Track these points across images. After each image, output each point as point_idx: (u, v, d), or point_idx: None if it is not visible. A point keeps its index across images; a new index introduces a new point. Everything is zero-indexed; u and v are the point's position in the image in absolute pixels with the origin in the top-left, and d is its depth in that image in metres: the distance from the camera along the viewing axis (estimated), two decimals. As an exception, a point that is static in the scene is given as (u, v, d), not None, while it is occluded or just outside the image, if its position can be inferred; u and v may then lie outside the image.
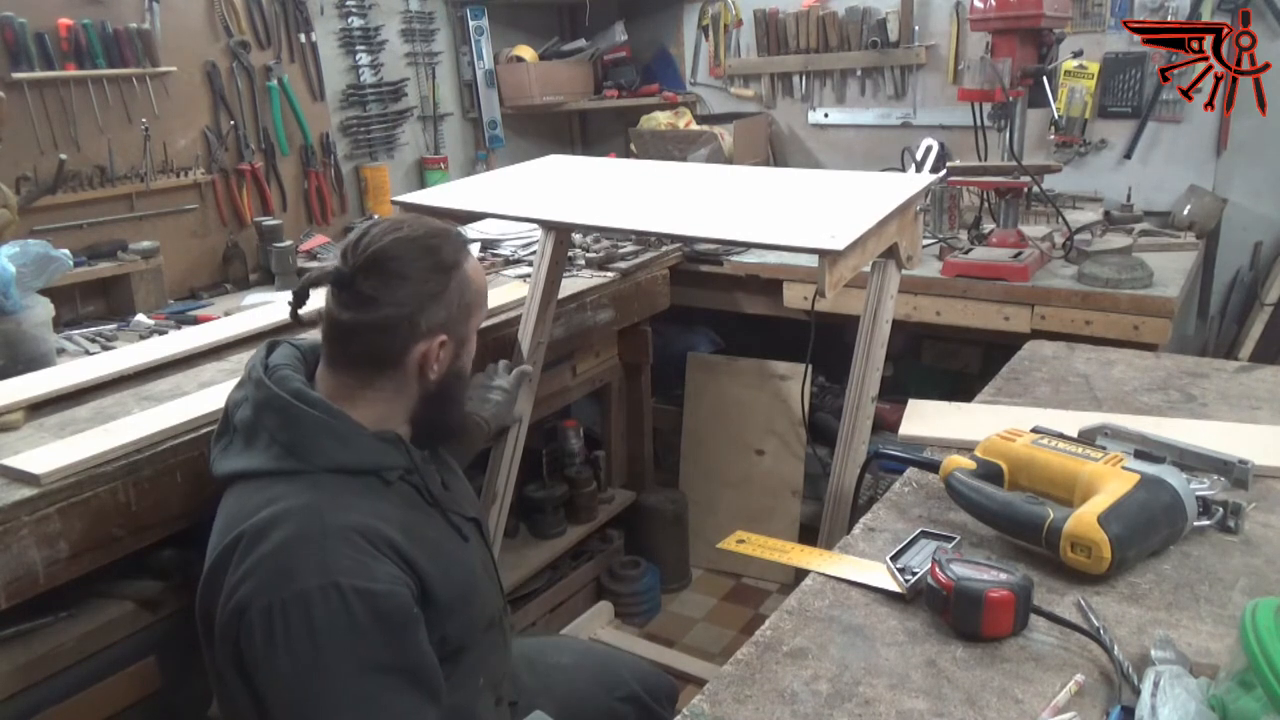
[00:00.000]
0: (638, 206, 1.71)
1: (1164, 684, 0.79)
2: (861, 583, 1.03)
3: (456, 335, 1.22)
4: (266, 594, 1.03)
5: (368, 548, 1.07)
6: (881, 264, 1.53)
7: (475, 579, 1.25)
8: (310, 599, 1.02)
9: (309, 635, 1.01)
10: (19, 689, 1.32)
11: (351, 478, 1.14)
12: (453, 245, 1.22)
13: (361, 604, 1.03)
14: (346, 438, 1.15)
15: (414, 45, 3.15)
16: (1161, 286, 2.17)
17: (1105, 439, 1.24)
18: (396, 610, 1.05)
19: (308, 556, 1.04)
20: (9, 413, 1.53)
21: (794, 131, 3.43)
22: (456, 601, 1.17)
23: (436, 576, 1.13)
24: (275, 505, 1.09)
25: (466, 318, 1.23)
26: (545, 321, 1.99)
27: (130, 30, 2.31)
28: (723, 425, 2.99)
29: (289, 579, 1.03)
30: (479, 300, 1.25)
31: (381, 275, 1.16)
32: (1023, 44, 2.27)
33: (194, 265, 2.53)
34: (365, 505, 1.12)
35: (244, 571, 1.05)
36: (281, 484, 1.12)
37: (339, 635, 1.02)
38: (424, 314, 1.18)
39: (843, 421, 1.55)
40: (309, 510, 1.08)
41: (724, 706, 0.86)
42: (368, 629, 1.03)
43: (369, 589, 1.03)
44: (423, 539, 1.15)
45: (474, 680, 1.24)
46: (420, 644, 1.09)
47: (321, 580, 1.02)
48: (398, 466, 1.19)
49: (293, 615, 1.02)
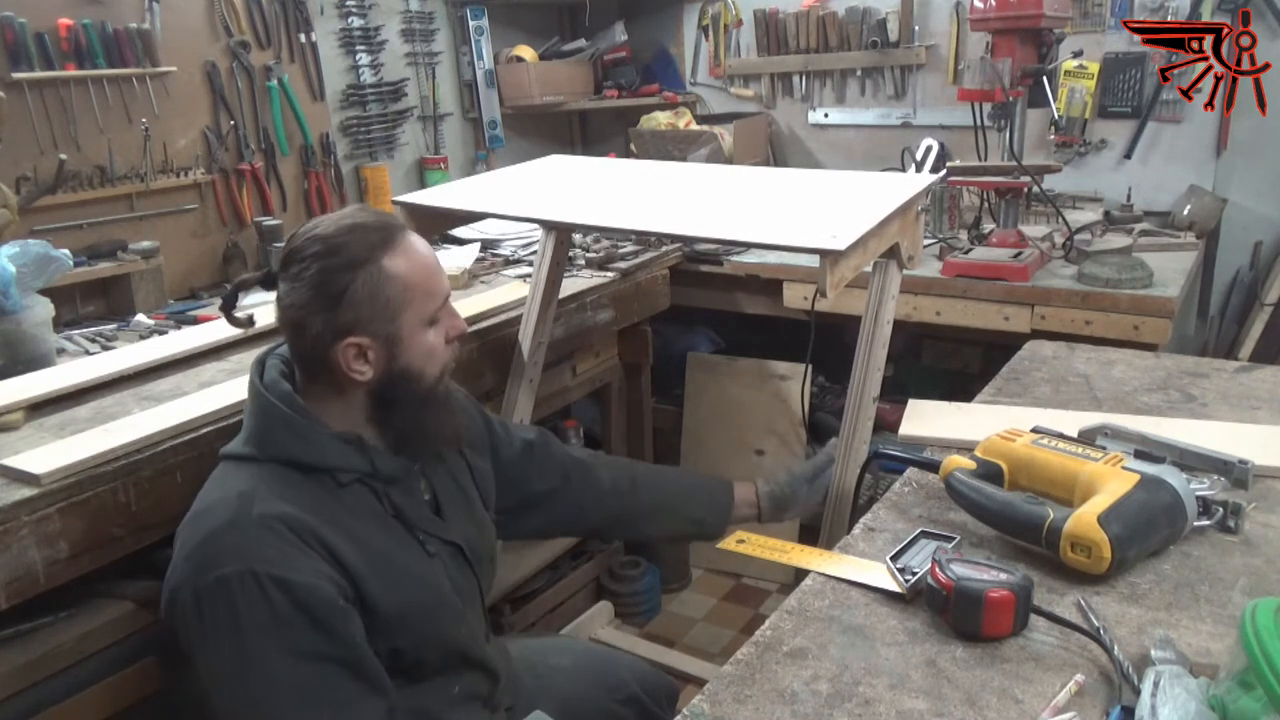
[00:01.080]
0: (638, 206, 1.71)
1: (1164, 684, 0.79)
2: (861, 583, 1.03)
3: (380, 335, 1.14)
4: (192, 580, 1.05)
5: (293, 539, 1.06)
6: (883, 264, 1.53)
7: (440, 597, 1.21)
8: (230, 586, 1.03)
9: (232, 621, 1.03)
10: (19, 689, 1.32)
11: (302, 474, 1.13)
12: (364, 241, 1.13)
13: (280, 593, 1.03)
14: (304, 433, 1.14)
15: (414, 45, 3.15)
16: (1161, 286, 2.17)
17: (1105, 439, 1.24)
18: (319, 603, 1.04)
19: (230, 543, 1.05)
20: (9, 413, 1.53)
21: (794, 131, 3.43)
22: (410, 616, 1.15)
23: (378, 584, 1.11)
24: (216, 491, 1.12)
25: (393, 316, 1.14)
26: (545, 321, 1.99)
27: (130, 30, 2.31)
28: (723, 425, 2.99)
29: (212, 565, 1.04)
30: (410, 297, 1.15)
31: (286, 274, 1.15)
32: (1023, 44, 2.26)
33: (194, 265, 2.53)
34: (304, 500, 1.11)
35: (179, 556, 1.09)
36: (238, 470, 1.14)
37: (261, 623, 1.03)
38: (323, 318, 1.12)
39: (843, 421, 1.55)
40: (241, 498, 1.08)
41: (724, 706, 0.86)
42: (290, 618, 1.03)
43: (286, 579, 1.03)
44: (368, 544, 1.13)
45: (445, 689, 1.22)
46: (352, 638, 1.07)
47: (239, 567, 1.03)
48: (353, 469, 1.16)
49: (217, 602, 1.03)
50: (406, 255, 1.17)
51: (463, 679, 1.26)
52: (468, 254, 2.52)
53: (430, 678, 1.20)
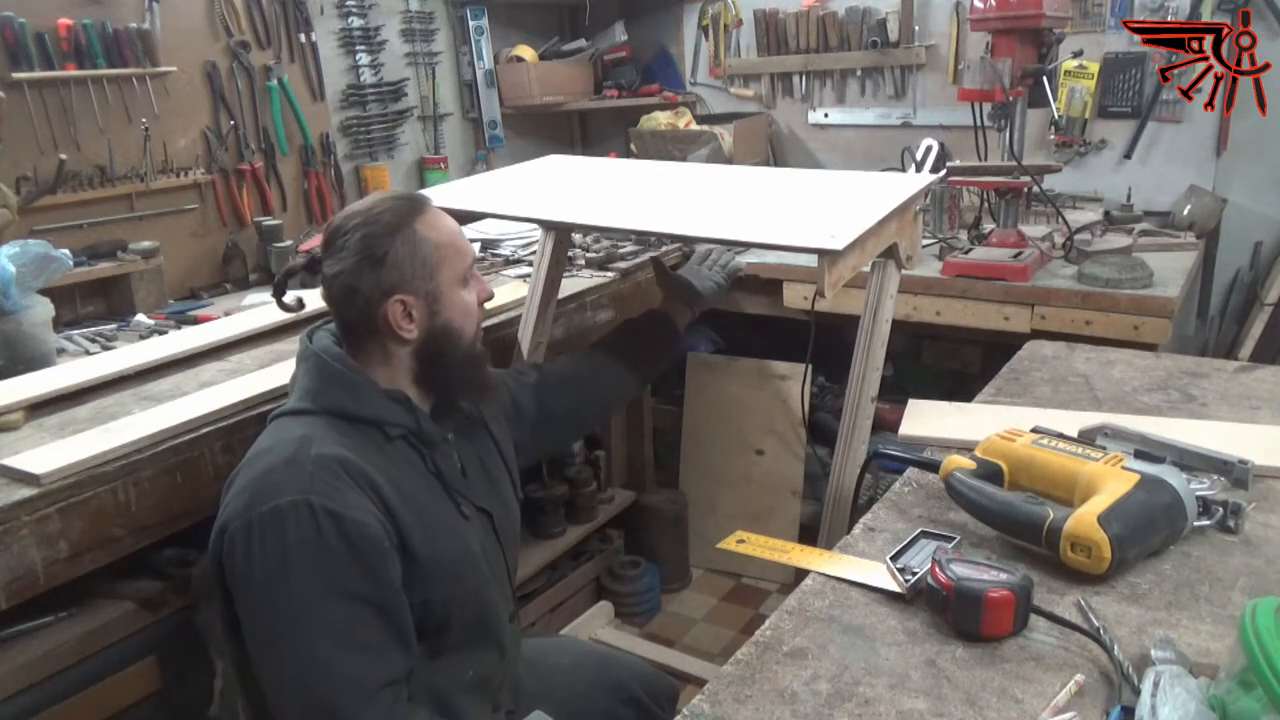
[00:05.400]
0: (638, 206, 1.70)
1: (1164, 684, 0.79)
2: (861, 583, 1.03)
3: (421, 292, 1.23)
4: (247, 511, 1.09)
5: (346, 478, 1.11)
6: (881, 264, 1.53)
7: (471, 557, 1.26)
8: (283, 514, 1.07)
9: (280, 549, 1.06)
10: (19, 689, 1.32)
11: (352, 425, 1.19)
12: (398, 209, 1.24)
13: (331, 524, 1.07)
14: (356, 388, 1.21)
15: (414, 45, 3.15)
16: (1161, 286, 2.17)
17: (1105, 439, 1.24)
18: (365, 539, 1.09)
19: (289, 478, 1.09)
20: (9, 413, 1.53)
21: (794, 131, 3.43)
22: (443, 569, 1.19)
23: (418, 533, 1.16)
24: (275, 435, 1.18)
25: (431, 274, 1.24)
26: (545, 321, 1.99)
27: (130, 30, 2.32)
28: (723, 425, 2.99)
29: (268, 497, 1.08)
30: (444, 255, 1.25)
31: (331, 250, 1.23)
32: (1023, 44, 2.27)
33: (194, 265, 2.53)
34: (359, 449, 1.16)
35: (235, 492, 1.13)
36: (293, 421, 1.19)
37: (307, 551, 1.06)
38: (369, 281, 1.20)
39: (843, 421, 1.55)
40: (301, 441, 1.14)
41: (724, 706, 0.86)
42: (337, 551, 1.07)
43: (339, 512, 1.07)
44: (411, 497, 1.19)
45: (460, 671, 1.24)
46: (392, 581, 1.12)
47: (295, 497, 1.07)
48: (400, 424, 1.23)
49: (268, 529, 1.07)
50: (435, 220, 1.28)
51: (479, 659, 1.28)
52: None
53: (450, 651, 1.23)
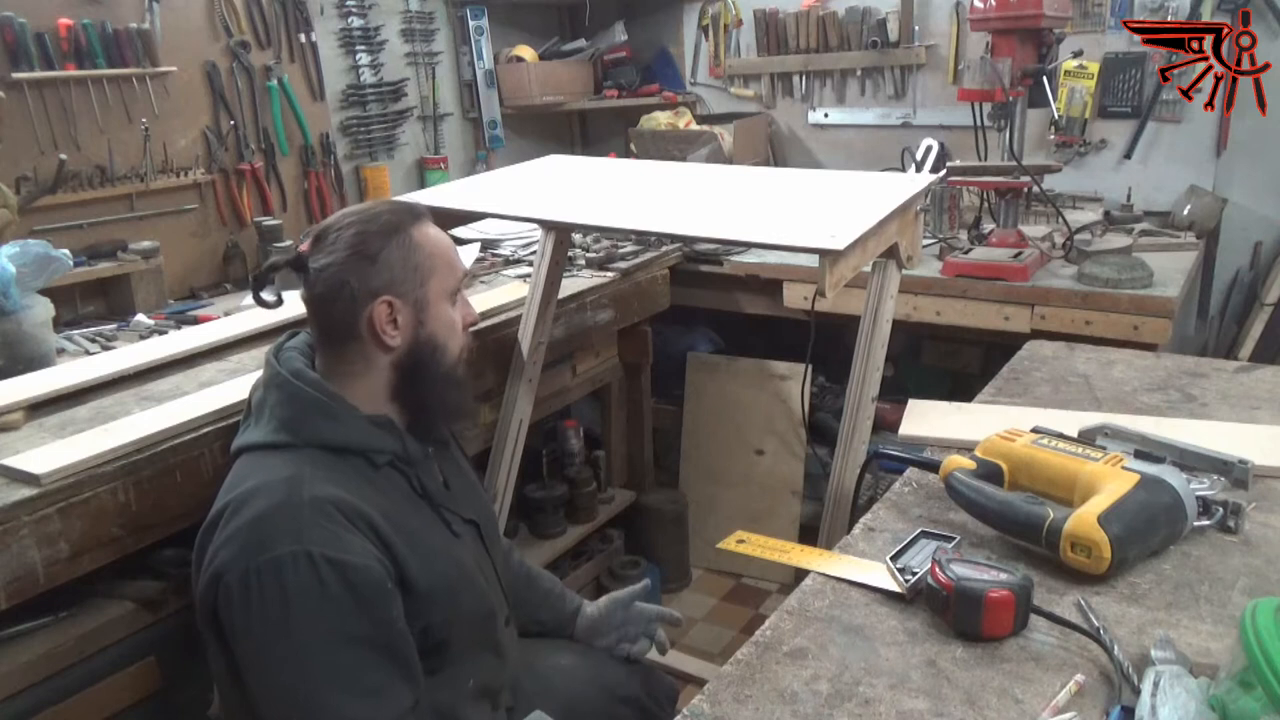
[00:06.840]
0: (638, 206, 1.70)
1: (1164, 684, 0.79)
2: (861, 583, 1.03)
3: (409, 298, 1.21)
4: (242, 560, 1.05)
5: (343, 520, 1.09)
6: (882, 264, 1.53)
7: (465, 574, 1.25)
8: (282, 565, 1.04)
9: (281, 601, 1.04)
10: (19, 689, 1.32)
11: (339, 456, 1.16)
12: (393, 215, 1.23)
13: (333, 573, 1.04)
14: (338, 416, 1.18)
15: (414, 45, 3.15)
16: (1161, 286, 2.17)
17: (1105, 439, 1.24)
18: (368, 583, 1.07)
19: (283, 525, 1.06)
20: (9, 413, 1.53)
21: (794, 131, 3.43)
22: (440, 592, 1.18)
23: (415, 564, 1.14)
24: (261, 476, 1.12)
25: (420, 281, 1.22)
26: (545, 321, 1.99)
27: (130, 30, 2.31)
28: (723, 425, 2.99)
29: (264, 547, 1.05)
30: (436, 265, 1.23)
31: (320, 247, 1.21)
32: (1023, 44, 2.27)
33: (194, 265, 2.53)
34: (348, 483, 1.14)
35: (224, 538, 1.09)
36: (273, 457, 1.15)
37: (310, 602, 1.04)
38: (358, 277, 1.18)
39: (843, 421, 1.55)
40: (290, 482, 1.10)
41: (724, 706, 0.86)
42: (339, 598, 1.05)
43: (340, 559, 1.05)
44: (403, 525, 1.16)
45: (461, 682, 1.24)
46: (395, 621, 1.10)
47: (293, 547, 1.04)
48: (387, 450, 1.20)
49: (266, 581, 1.04)
50: (431, 231, 1.26)
51: (479, 667, 1.28)
52: (468, 254, 2.52)
53: (449, 664, 1.22)
